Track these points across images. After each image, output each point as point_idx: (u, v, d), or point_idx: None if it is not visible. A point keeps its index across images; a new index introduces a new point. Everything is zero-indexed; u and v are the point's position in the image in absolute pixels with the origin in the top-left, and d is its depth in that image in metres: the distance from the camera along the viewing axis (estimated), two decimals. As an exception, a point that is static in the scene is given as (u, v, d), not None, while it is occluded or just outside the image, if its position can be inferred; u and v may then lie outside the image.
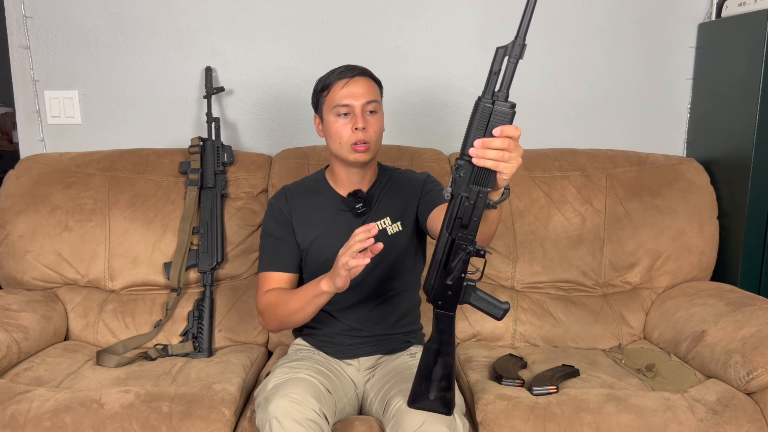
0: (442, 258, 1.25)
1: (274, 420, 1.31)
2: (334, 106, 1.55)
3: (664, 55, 2.28)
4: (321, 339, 1.66)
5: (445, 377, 1.33)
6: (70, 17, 2.19)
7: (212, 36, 2.22)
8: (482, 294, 1.31)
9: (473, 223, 1.20)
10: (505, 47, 1.16)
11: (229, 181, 2.09)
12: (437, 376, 1.32)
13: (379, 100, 1.60)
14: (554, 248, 2.05)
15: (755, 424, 1.49)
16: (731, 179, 2.08)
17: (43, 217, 2.00)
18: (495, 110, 1.13)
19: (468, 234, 1.22)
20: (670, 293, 2.02)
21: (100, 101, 2.25)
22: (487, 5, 2.23)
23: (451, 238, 1.23)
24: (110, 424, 1.45)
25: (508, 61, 1.16)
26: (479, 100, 1.14)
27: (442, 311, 1.32)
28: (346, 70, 1.57)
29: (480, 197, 1.18)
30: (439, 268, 1.26)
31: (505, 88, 1.15)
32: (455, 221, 1.21)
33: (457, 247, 1.23)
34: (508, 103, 1.14)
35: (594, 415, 1.49)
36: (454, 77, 2.27)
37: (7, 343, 1.69)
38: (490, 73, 1.15)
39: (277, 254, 1.63)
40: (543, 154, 2.16)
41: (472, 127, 1.14)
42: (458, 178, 1.18)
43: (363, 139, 1.55)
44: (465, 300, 1.30)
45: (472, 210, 1.19)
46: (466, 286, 1.29)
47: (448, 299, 1.30)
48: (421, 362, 1.33)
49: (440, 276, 1.27)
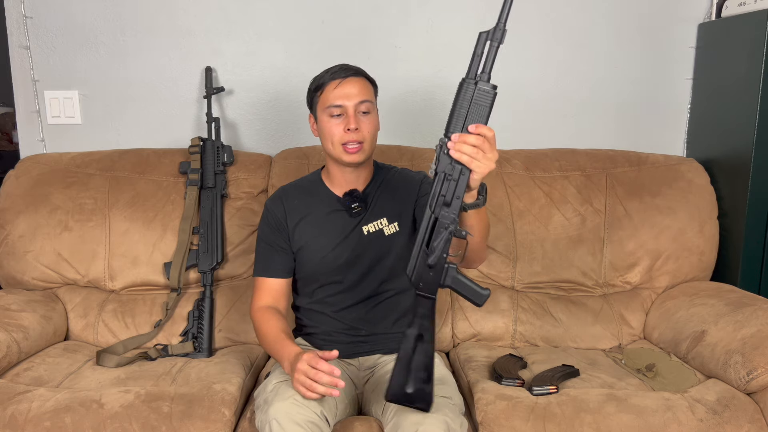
0: (424, 236, 1.26)
1: (274, 422, 1.31)
2: (327, 107, 1.56)
3: (664, 55, 2.28)
4: (321, 338, 1.66)
5: (425, 367, 1.31)
6: (70, 17, 2.19)
7: (212, 36, 2.22)
8: (464, 278, 1.30)
9: (455, 202, 1.23)
10: (487, 32, 1.22)
11: (229, 181, 2.09)
12: (417, 365, 1.30)
13: (373, 100, 1.59)
14: (554, 248, 2.05)
15: (755, 424, 1.49)
16: (731, 179, 2.08)
17: (43, 217, 2.00)
18: (478, 89, 1.20)
19: (450, 212, 1.24)
20: (670, 293, 2.02)
21: (100, 101, 2.25)
22: (487, 5, 2.23)
23: (435, 216, 1.25)
24: (110, 424, 1.45)
25: (490, 45, 1.21)
26: (463, 81, 1.21)
27: (423, 294, 1.30)
28: (339, 70, 1.57)
29: (462, 176, 1.21)
30: (422, 247, 1.27)
31: (487, 71, 1.21)
32: (438, 198, 1.24)
33: (439, 226, 1.25)
34: (490, 84, 1.20)
35: (594, 415, 1.49)
36: (454, 77, 2.23)
37: (7, 343, 1.69)
38: (473, 55, 1.22)
39: (268, 262, 1.65)
40: (543, 154, 2.16)
41: (456, 107, 1.21)
42: (442, 156, 1.22)
43: (356, 140, 1.55)
44: (446, 283, 1.29)
45: (455, 188, 1.22)
46: (448, 267, 1.28)
47: (429, 281, 1.29)
48: (400, 351, 1.31)
49: (422, 256, 1.27)
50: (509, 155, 2.15)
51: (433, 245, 1.26)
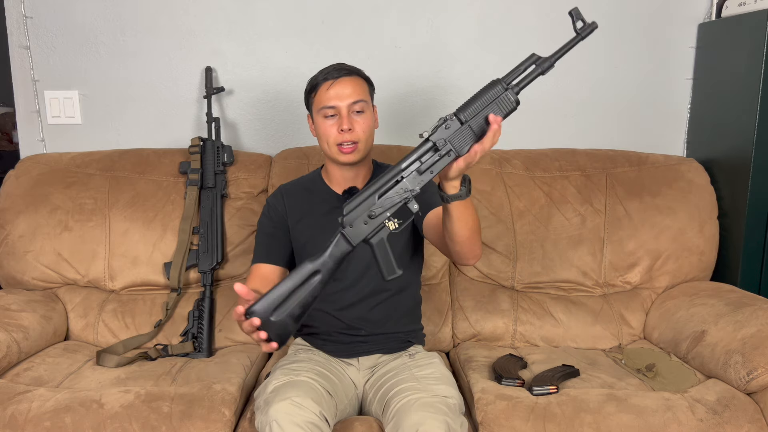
0: (382, 188, 1.26)
1: (274, 423, 1.31)
2: (321, 108, 1.57)
3: (664, 55, 2.28)
4: (321, 338, 1.66)
5: (303, 306, 1.25)
6: (70, 17, 2.19)
7: (212, 36, 2.22)
8: (388, 248, 1.29)
9: (427, 175, 1.24)
10: (539, 57, 1.25)
11: (229, 181, 2.09)
12: (297, 299, 1.25)
13: (368, 99, 1.59)
14: (554, 248, 2.05)
15: (755, 424, 1.49)
16: (731, 179, 2.08)
17: (43, 217, 2.00)
18: (504, 94, 1.21)
19: (417, 181, 1.24)
20: (670, 293, 2.02)
21: (100, 101, 2.25)
22: (487, 5, 2.23)
23: (402, 176, 1.25)
24: (110, 424, 1.45)
25: (534, 68, 1.24)
26: (496, 81, 1.22)
27: (346, 237, 1.27)
28: (332, 71, 1.58)
29: (447, 156, 1.22)
30: (373, 194, 1.26)
31: (520, 86, 1.24)
32: (415, 163, 1.24)
33: (400, 187, 1.25)
34: (516, 97, 1.22)
35: (594, 415, 1.49)
36: (454, 77, 2.27)
37: (7, 343, 1.69)
38: (517, 66, 1.23)
39: (268, 248, 1.65)
40: (543, 154, 2.16)
41: (478, 97, 1.22)
42: (442, 130, 1.22)
43: (350, 140, 1.55)
44: (371, 239, 1.28)
45: (434, 163, 1.23)
46: (383, 228, 1.28)
47: (359, 228, 1.27)
48: (292, 275, 1.26)
49: (367, 203, 1.26)
50: (509, 155, 2.15)
51: (385, 199, 1.25)
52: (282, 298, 1.24)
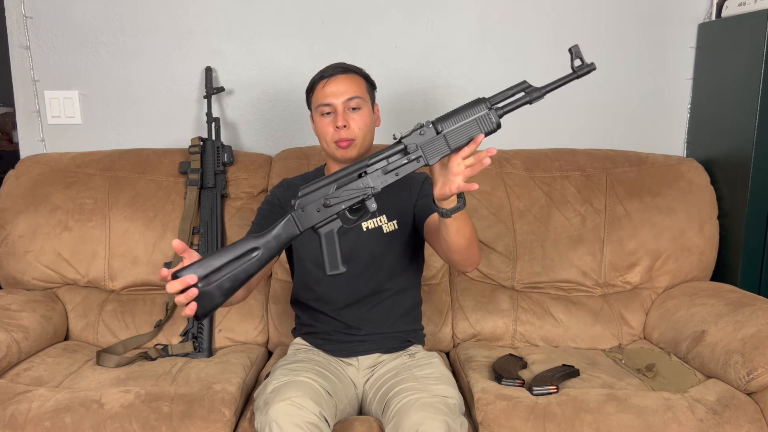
0: (342, 178, 1.25)
1: (274, 424, 1.31)
2: (317, 106, 1.58)
3: (664, 55, 2.28)
4: (320, 338, 1.66)
5: (233, 279, 1.19)
6: (70, 17, 2.19)
7: (212, 36, 2.22)
8: (336, 242, 1.26)
9: (392, 176, 1.23)
10: (529, 86, 1.23)
11: (229, 181, 2.09)
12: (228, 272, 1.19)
13: (364, 96, 1.59)
14: (554, 248, 2.05)
15: (755, 424, 1.49)
16: (731, 179, 2.08)
17: (43, 217, 2.00)
18: (487, 114, 1.20)
19: (380, 180, 1.24)
20: (670, 293, 2.02)
21: (100, 101, 2.25)
22: (487, 5, 2.23)
23: (366, 171, 1.24)
24: (110, 424, 1.45)
25: (522, 95, 1.23)
26: (481, 99, 1.21)
27: (296, 220, 1.25)
28: (328, 69, 1.59)
29: (416, 162, 1.22)
30: (331, 183, 1.25)
31: (505, 110, 1.23)
32: (382, 161, 1.24)
33: (363, 182, 1.24)
34: (498, 121, 1.22)
35: (594, 415, 1.49)
36: (454, 77, 2.27)
37: (7, 343, 1.69)
38: (506, 90, 1.23)
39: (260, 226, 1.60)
40: (543, 154, 2.16)
41: (460, 112, 1.21)
42: (416, 135, 1.22)
43: (346, 137, 1.56)
44: (320, 229, 1.25)
45: (402, 165, 1.23)
46: (335, 219, 1.26)
47: (311, 214, 1.25)
48: (229, 246, 1.21)
49: (324, 191, 1.25)
50: (509, 155, 2.15)
51: (343, 191, 1.24)
52: (214, 268, 1.18)
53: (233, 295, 1.23)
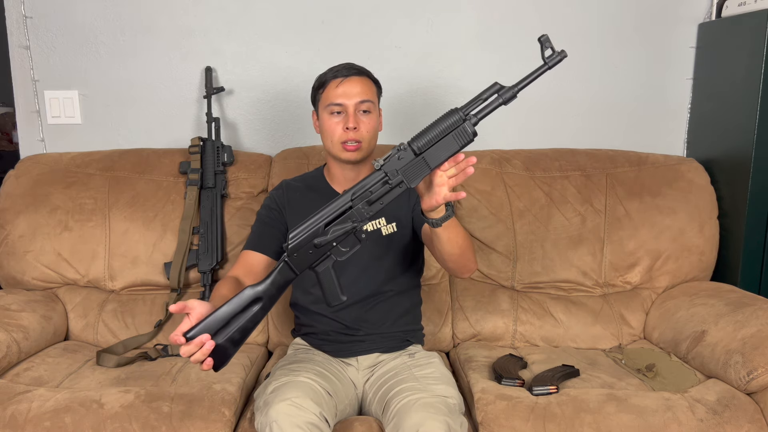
0: (328, 218, 1.26)
1: (274, 424, 1.31)
2: (328, 105, 1.57)
3: (664, 55, 2.28)
4: (319, 338, 1.66)
5: (242, 332, 1.26)
6: (70, 17, 2.19)
7: (212, 36, 2.22)
8: (334, 276, 1.30)
9: (376, 205, 1.24)
10: (501, 87, 1.22)
11: (229, 181, 2.09)
12: (236, 325, 1.25)
13: (374, 101, 1.60)
14: (554, 248, 2.05)
15: (755, 424, 1.49)
16: (731, 179, 2.08)
17: (43, 217, 2.00)
18: (461, 126, 1.20)
19: (367, 212, 1.24)
20: (670, 293, 2.02)
21: (100, 101, 2.25)
22: (487, 5, 2.23)
23: (350, 205, 1.25)
24: (110, 424, 1.45)
25: (495, 98, 1.21)
26: (455, 110, 1.21)
27: (290, 266, 1.28)
28: (342, 69, 1.58)
29: (399, 187, 1.22)
30: (318, 224, 1.26)
31: (479, 117, 1.22)
32: (365, 192, 1.24)
33: (348, 217, 1.25)
34: (473, 129, 1.21)
35: (594, 415, 1.49)
36: (454, 77, 2.27)
37: (7, 343, 1.69)
38: (478, 96, 1.21)
39: (260, 236, 1.64)
40: (543, 154, 2.16)
41: (434, 127, 1.21)
42: (395, 160, 1.22)
43: (354, 138, 1.56)
44: (317, 267, 1.29)
45: (385, 194, 1.23)
46: (329, 256, 1.28)
47: (304, 256, 1.28)
48: (233, 300, 1.26)
49: (313, 232, 1.26)
50: (509, 155, 2.15)
51: (331, 229, 1.25)
52: (222, 322, 1.23)
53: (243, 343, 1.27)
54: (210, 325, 1.22)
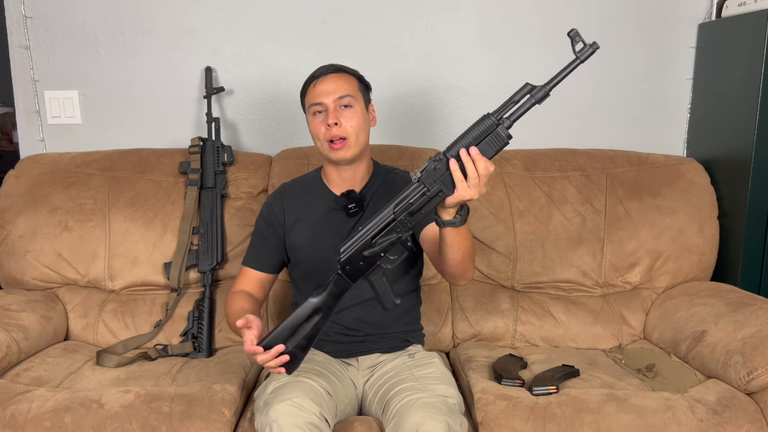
0: (374, 231, 1.30)
1: (274, 424, 1.31)
2: (309, 106, 1.59)
3: (664, 55, 2.28)
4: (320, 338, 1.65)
5: (308, 338, 1.36)
6: (70, 17, 2.19)
7: (212, 36, 2.22)
8: (386, 282, 1.36)
9: (419, 215, 1.27)
10: (533, 87, 1.23)
11: (229, 181, 2.09)
12: (303, 332, 1.35)
13: (355, 95, 1.58)
14: (554, 248, 2.05)
15: (755, 424, 1.49)
16: (731, 179, 2.08)
17: (43, 217, 2.00)
18: (495, 131, 1.22)
19: (410, 222, 1.28)
20: (670, 293, 2.02)
21: (100, 101, 2.25)
22: (487, 5, 2.23)
23: (393, 218, 1.28)
24: (110, 424, 1.45)
25: (528, 98, 1.23)
26: (487, 115, 1.22)
27: (345, 277, 1.35)
28: (318, 69, 1.60)
29: (438, 196, 1.25)
30: (365, 238, 1.31)
31: (513, 119, 1.23)
32: (406, 204, 1.27)
33: (392, 228, 1.29)
34: (507, 132, 1.23)
35: (594, 415, 1.49)
36: (454, 77, 2.27)
37: (7, 343, 1.69)
38: (510, 99, 1.22)
39: (258, 253, 1.68)
40: (543, 154, 2.16)
41: (469, 134, 1.22)
42: (432, 170, 1.24)
43: (338, 135, 1.55)
44: (370, 276, 1.34)
45: (426, 203, 1.26)
46: (378, 265, 1.33)
47: (356, 269, 1.34)
48: (297, 312, 1.36)
49: (362, 245, 1.31)
50: (509, 155, 2.15)
51: (378, 242, 1.30)
52: (290, 332, 1.35)
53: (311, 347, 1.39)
54: (280, 335, 1.34)
